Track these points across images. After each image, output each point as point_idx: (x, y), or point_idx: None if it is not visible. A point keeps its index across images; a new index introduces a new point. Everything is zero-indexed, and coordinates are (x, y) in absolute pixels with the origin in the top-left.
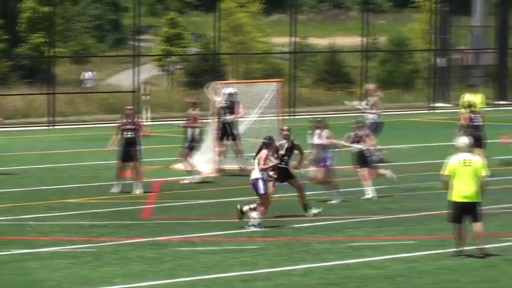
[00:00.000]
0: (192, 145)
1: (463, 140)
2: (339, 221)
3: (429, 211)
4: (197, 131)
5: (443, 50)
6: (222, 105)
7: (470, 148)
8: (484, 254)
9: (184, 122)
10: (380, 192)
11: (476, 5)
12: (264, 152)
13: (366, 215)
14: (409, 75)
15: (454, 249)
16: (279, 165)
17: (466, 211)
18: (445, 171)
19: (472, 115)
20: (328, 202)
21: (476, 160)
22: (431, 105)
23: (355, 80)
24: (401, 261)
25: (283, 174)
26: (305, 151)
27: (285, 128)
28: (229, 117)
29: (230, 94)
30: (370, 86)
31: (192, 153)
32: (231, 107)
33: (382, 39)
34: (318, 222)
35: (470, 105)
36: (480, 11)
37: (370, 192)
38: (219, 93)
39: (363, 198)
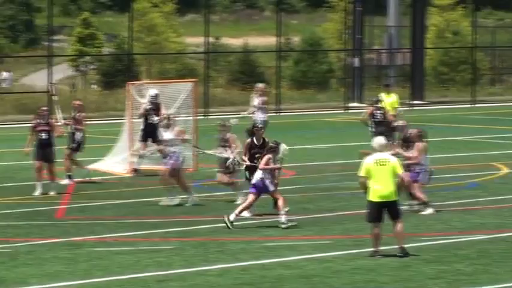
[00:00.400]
0: (73, 146)
1: (378, 140)
2: (255, 221)
3: (345, 211)
4: (79, 134)
5: (358, 50)
6: (147, 106)
7: (385, 147)
8: (405, 253)
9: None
10: (296, 192)
11: (390, 5)
12: (268, 156)
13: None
14: (323, 75)
15: (371, 249)
16: (253, 163)
17: (384, 210)
18: (361, 173)
19: (375, 111)
20: (235, 202)
21: (392, 159)
22: (346, 105)
23: (270, 80)
24: (317, 261)
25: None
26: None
27: (259, 126)
28: (156, 119)
29: (154, 95)
30: (261, 85)
31: (73, 155)
32: (155, 108)
33: (296, 39)
34: (233, 222)
35: (377, 101)
36: (394, 11)
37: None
38: (143, 94)
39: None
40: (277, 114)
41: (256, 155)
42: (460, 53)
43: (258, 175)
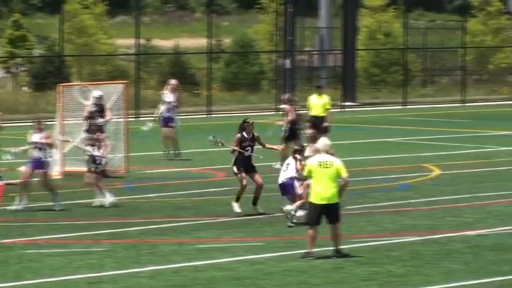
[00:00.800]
0: None
1: (323, 141)
2: (186, 222)
3: (277, 213)
4: None
5: (289, 52)
6: (92, 108)
7: (330, 150)
8: (341, 255)
9: None
10: (227, 194)
11: (321, 7)
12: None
13: (213, 217)
14: (254, 77)
15: (304, 251)
16: (245, 154)
17: (324, 213)
18: (304, 173)
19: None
20: (94, 204)
21: (336, 161)
22: (278, 106)
23: (201, 82)
24: (249, 263)
25: (247, 164)
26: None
27: (250, 121)
28: (101, 120)
29: (98, 97)
30: (173, 81)
31: None
32: (100, 110)
33: (227, 41)
34: (165, 224)
35: (289, 100)
36: (325, 12)
37: (106, 200)
38: (88, 96)
39: (94, 205)
40: (208, 115)
41: (247, 148)
42: (391, 55)
43: (289, 174)
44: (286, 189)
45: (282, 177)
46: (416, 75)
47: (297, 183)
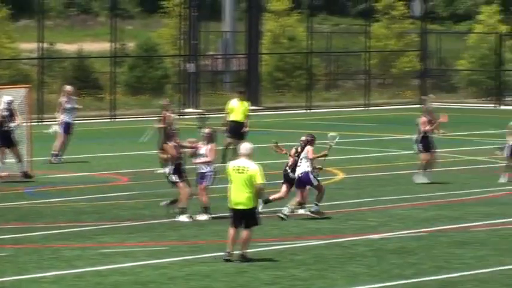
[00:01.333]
0: None
1: (244, 146)
2: (89, 227)
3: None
4: None
5: (193, 56)
6: (3, 113)
7: (251, 154)
8: (246, 259)
9: None
10: (131, 198)
11: (225, 11)
12: (310, 147)
13: (116, 221)
14: (158, 81)
15: (224, 252)
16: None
17: (240, 217)
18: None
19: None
20: None
21: (252, 167)
22: (182, 110)
23: (104, 86)
24: (152, 268)
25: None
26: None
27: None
28: (13, 125)
29: (9, 102)
30: (68, 87)
31: None
32: (11, 114)
33: (131, 45)
34: (68, 229)
35: (167, 106)
36: (229, 16)
37: None
38: None
39: None
40: (112, 120)
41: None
42: (295, 59)
43: (304, 168)
44: (305, 181)
45: (297, 172)
46: (320, 79)
47: (311, 176)
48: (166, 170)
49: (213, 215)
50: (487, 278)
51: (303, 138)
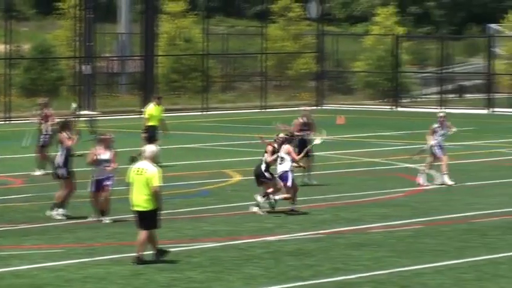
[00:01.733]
0: None
1: (149, 148)
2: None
3: (76, 219)
4: None
5: (89, 57)
6: None
7: (154, 157)
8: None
9: None
10: (26, 201)
11: (121, 12)
12: (289, 146)
13: (11, 224)
14: (54, 83)
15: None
16: None
17: (140, 219)
18: (127, 179)
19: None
20: None
21: (150, 169)
22: (77, 112)
23: None
24: (49, 270)
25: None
26: None
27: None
28: None
29: None
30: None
31: None
32: None
33: (27, 47)
34: None
35: (46, 105)
36: (125, 18)
37: None
38: None
39: None
40: (7, 122)
41: None
42: (191, 60)
43: (285, 167)
44: (283, 180)
45: (281, 169)
46: (217, 81)
47: (290, 175)
48: (58, 161)
49: (110, 218)
50: (384, 279)
51: (281, 135)
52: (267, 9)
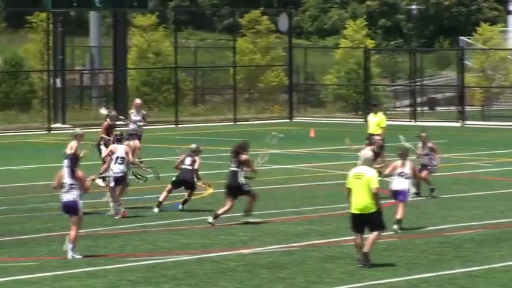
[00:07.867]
0: None
1: (364, 153)
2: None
3: (50, 232)
4: None
5: (60, 71)
6: None
7: (367, 161)
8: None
9: None
10: (0, 213)
11: (91, 26)
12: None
13: None
14: (25, 96)
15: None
16: None
17: (361, 221)
18: (346, 185)
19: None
20: None
21: (369, 173)
22: (49, 126)
23: None
24: (24, 283)
25: None
26: None
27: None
28: None
29: None
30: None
31: None
32: None
33: None
34: None
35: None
36: (95, 31)
37: None
38: None
39: None
40: None
41: None
42: (162, 73)
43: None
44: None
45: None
46: (188, 94)
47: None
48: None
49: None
50: None
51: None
52: (236, 22)
